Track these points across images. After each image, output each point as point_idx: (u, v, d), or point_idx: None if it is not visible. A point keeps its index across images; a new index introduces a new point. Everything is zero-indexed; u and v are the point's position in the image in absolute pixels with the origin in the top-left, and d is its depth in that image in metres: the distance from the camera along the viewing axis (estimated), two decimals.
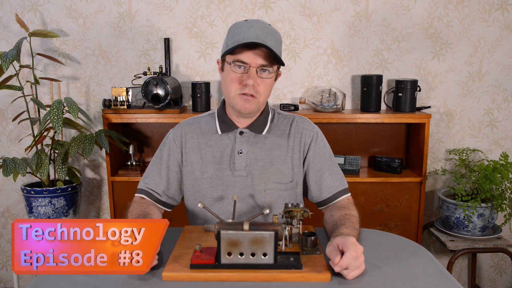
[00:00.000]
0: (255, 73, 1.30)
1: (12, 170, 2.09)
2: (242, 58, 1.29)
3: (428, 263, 1.13)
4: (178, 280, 1.03)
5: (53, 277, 1.05)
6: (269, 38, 1.29)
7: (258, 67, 1.30)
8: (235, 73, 1.32)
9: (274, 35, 1.32)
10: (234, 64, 1.31)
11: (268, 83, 1.35)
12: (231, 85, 1.33)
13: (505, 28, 2.42)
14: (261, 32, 1.29)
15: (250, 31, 1.28)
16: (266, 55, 1.30)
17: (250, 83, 1.30)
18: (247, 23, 1.32)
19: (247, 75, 1.31)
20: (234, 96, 1.34)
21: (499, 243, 2.17)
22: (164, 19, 2.41)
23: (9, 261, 2.68)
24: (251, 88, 1.31)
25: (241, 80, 1.31)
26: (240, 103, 1.34)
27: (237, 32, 1.31)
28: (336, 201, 1.42)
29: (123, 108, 2.27)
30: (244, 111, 1.35)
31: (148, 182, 1.43)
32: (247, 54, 1.29)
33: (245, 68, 1.31)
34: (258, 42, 1.26)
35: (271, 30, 1.32)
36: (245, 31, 1.29)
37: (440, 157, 2.55)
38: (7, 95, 2.49)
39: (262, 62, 1.30)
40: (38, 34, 2.26)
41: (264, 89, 1.34)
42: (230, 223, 1.07)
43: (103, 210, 2.61)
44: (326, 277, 1.03)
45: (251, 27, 1.30)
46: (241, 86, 1.32)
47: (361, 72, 2.47)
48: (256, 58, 1.29)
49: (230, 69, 1.33)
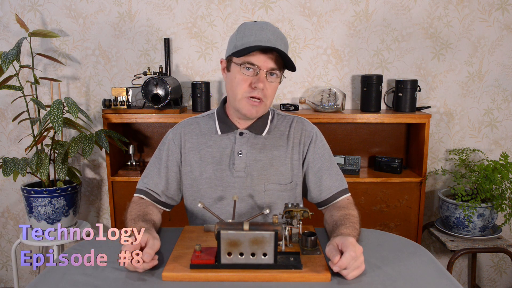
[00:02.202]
0: (264, 77, 1.30)
1: (12, 170, 2.09)
2: (253, 60, 1.28)
3: (428, 263, 1.13)
4: (178, 280, 1.03)
5: (53, 277, 1.05)
6: (279, 42, 1.29)
7: (268, 70, 1.30)
8: (244, 75, 1.30)
9: (283, 39, 1.32)
10: (243, 66, 1.30)
11: (275, 86, 1.35)
12: (238, 87, 1.32)
13: (505, 28, 2.42)
14: (272, 36, 1.28)
15: (262, 34, 1.28)
16: (277, 59, 1.30)
17: (261, 86, 1.29)
18: (256, 24, 1.31)
19: (256, 78, 1.29)
20: (241, 98, 1.32)
21: (499, 243, 2.17)
22: (164, 19, 2.41)
23: (9, 261, 2.68)
24: (259, 92, 1.30)
25: (251, 83, 1.30)
26: (246, 108, 1.33)
27: (247, 33, 1.30)
28: (336, 201, 1.42)
29: (123, 108, 2.27)
30: (250, 116, 1.34)
31: (147, 182, 1.43)
32: (259, 57, 1.28)
33: (254, 71, 1.30)
34: (272, 46, 1.26)
35: (280, 35, 1.32)
36: (256, 33, 1.28)
37: (440, 157, 2.55)
38: (7, 95, 2.49)
39: (273, 66, 1.30)
40: (38, 34, 2.26)
41: (271, 92, 1.34)
42: (230, 223, 1.07)
43: (103, 210, 2.61)
44: (326, 277, 1.03)
45: (262, 30, 1.29)
46: (250, 89, 1.31)
47: (361, 72, 2.47)
48: (267, 61, 1.29)
49: (238, 70, 1.31)
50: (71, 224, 2.31)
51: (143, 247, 1.08)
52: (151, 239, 1.10)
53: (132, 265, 1.04)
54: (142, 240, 1.08)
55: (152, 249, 1.08)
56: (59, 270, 1.08)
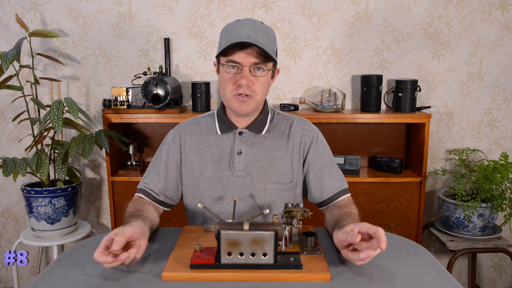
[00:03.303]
0: (248, 73, 1.30)
1: (12, 170, 2.09)
2: (234, 58, 1.30)
3: (428, 263, 1.13)
4: (178, 280, 1.03)
5: (53, 277, 1.05)
6: (261, 36, 1.29)
7: (251, 65, 1.30)
8: (229, 74, 1.32)
9: (266, 32, 1.31)
10: (227, 65, 1.32)
11: (264, 81, 1.34)
12: (226, 86, 1.34)
13: (505, 28, 2.42)
14: (252, 30, 1.28)
15: (241, 31, 1.28)
16: (259, 53, 1.30)
17: (244, 83, 1.30)
18: (238, 23, 1.32)
19: (240, 75, 1.31)
20: (230, 97, 1.34)
21: (499, 243, 2.17)
22: (164, 19, 2.41)
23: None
24: (245, 88, 1.31)
25: (235, 80, 1.32)
26: (236, 105, 1.34)
27: (229, 33, 1.31)
28: (336, 201, 1.42)
29: (123, 108, 2.27)
30: (241, 112, 1.35)
31: (147, 182, 1.44)
32: (239, 54, 1.29)
33: (238, 68, 1.31)
34: (248, 41, 1.26)
35: (263, 28, 1.32)
36: (236, 31, 1.29)
37: (440, 157, 2.55)
38: (7, 95, 2.49)
39: (255, 61, 1.30)
40: (38, 34, 2.26)
41: (259, 87, 1.33)
42: (230, 223, 1.07)
43: (103, 210, 2.61)
44: (326, 277, 1.03)
45: (241, 27, 1.29)
46: (236, 87, 1.32)
47: (361, 72, 2.47)
48: (248, 57, 1.29)
49: (224, 70, 1.33)
50: (71, 224, 2.31)
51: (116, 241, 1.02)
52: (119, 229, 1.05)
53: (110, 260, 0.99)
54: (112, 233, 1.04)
55: (122, 236, 1.02)
56: (59, 270, 1.08)
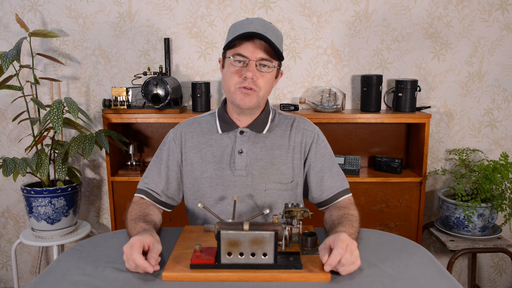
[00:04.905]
0: (254, 67, 1.31)
1: (12, 170, 2.09)
2: (241, 51, 1.30)
3: (428, 263, 1.13)
4: (178, 280, 1.03)
5: (53, 277, 1.05)
6: (269, 33, 1.30)
7: (257, 60, 1.31)
8: (235, 67, 1.32)
9: (274, 31, 1.33)
10: (234, 59, 1.32)
11: (268, 78, 1.35)
12: (230, 79, 1.33)
13: (505, 28, 2.42)
14: (261, 27, 1.30)
15: (250, 26, 1.29)
16: (266, 49, 1.30)
17: (249, 75, 1.30)
18: (247, 20, 1.34)
19: (246, 69, 1.31)
20: (234, 90, 1.34)
21: (499, 243, 2.17)
22: (164, 19, 2.41)
23: (9, 261, 2.68)
24: (250, 81, 1.31)
25: (241, 73, 1.32)
26: (239, 97, 1.33)
27: (238, 28, 1.32)
28: (337, 201, 1.42)
29: (123, 108, 2.27)
30: (243, 106, 1.34)
31: (147, 182, 1.43)
32: (246, 47, 1.30)
33: (244, 63, 1.32)
34: (258, 32, 1.27)
35: (272, 27, 1.33)
36: (245, 27, 1.30)
37: (440, 157, 2.55)
38: (7, 95, 2.49)
39: (262, 56, 1.30)
40: (38, 34, 2.26)
41: (263, 83, 1.34)
42: (230, 223, 1.07)
43: (103, 210, 2.61)
44: (326, 277, 1.03)
45: (251, 23, 1.31)
46: (241, 80, 1.32)
47: (361, 72, 2.47)
48: (255, 51, 1.30)
49: (230, 63, 1.33)
50: (71, 224, 2.31)
51: (146, 250, 1.09)
52: (154, 243, 1.11)
53: (140, 267, 1.05)
54: (146, 242, 1.09)
55: (156, 253, 1.08)
56: (59, 270, 1.08)
